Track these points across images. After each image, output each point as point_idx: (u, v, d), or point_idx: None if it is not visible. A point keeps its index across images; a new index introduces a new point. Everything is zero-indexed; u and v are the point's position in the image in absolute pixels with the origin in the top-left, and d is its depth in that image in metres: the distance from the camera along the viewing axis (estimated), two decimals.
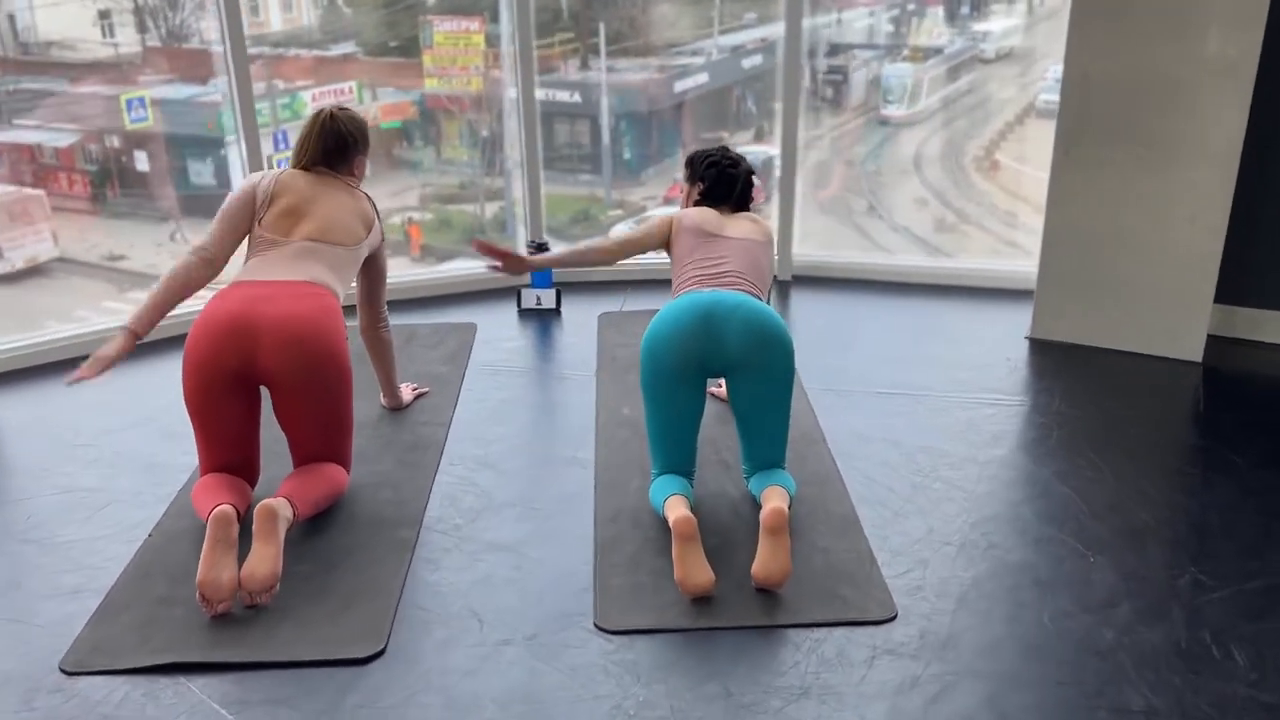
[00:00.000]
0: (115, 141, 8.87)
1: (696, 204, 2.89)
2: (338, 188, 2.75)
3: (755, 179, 2.98)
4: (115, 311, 7.73)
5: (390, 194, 9.07)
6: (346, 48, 8.85)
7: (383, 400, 3.14)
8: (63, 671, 2.08)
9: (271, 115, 8.84)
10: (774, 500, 2.32)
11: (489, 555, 2.45)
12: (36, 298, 8.01)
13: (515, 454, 2.91)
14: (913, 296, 4.07)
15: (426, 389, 3.27)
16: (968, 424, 3.03)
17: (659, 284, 4.20)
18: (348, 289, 2.72)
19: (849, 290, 4.16)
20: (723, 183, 2.89)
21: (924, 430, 3.00)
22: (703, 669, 2.06)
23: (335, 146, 2.78)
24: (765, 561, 2.26)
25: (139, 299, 2.52)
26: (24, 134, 8.54)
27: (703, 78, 7.51)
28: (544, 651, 2.12)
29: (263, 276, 2.54)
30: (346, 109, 2.87)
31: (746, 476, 2.59)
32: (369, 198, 2.83)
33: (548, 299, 3.95)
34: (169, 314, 2.54)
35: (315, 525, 2.53)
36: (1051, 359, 3.47)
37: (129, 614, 2.24)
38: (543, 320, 3.89)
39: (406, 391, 3.20)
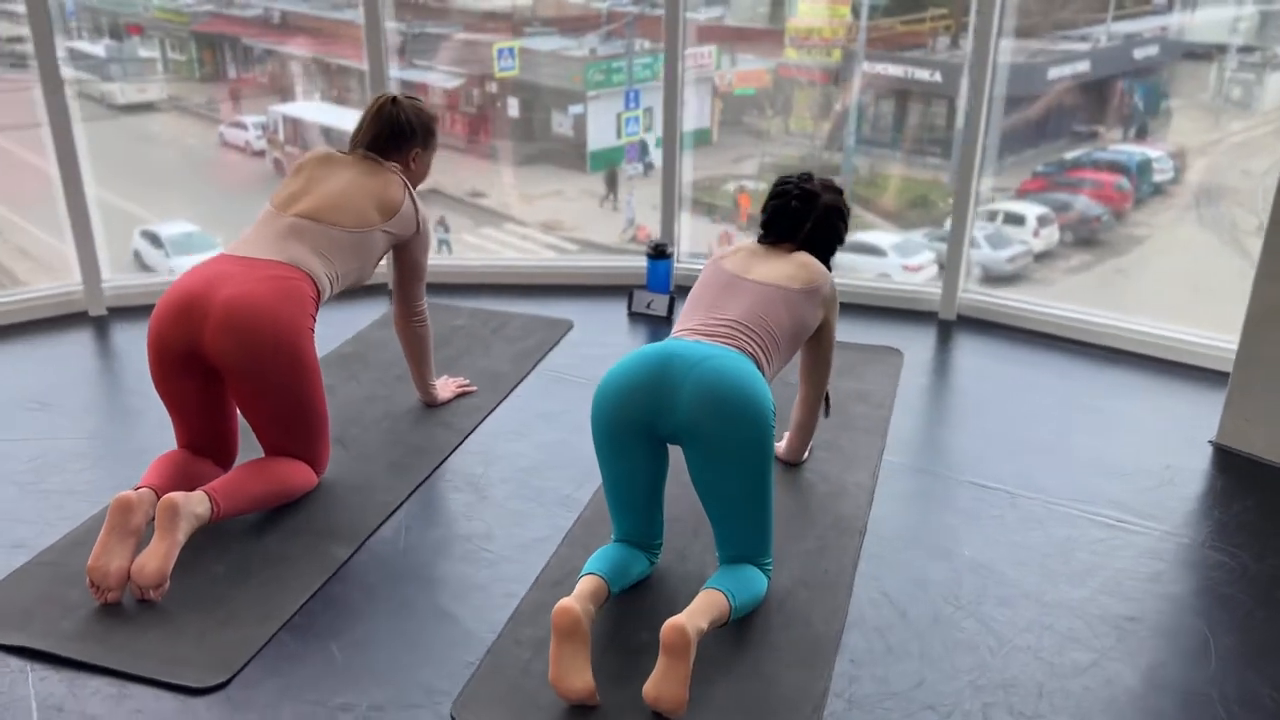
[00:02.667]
0: (493, 88, 9.48)
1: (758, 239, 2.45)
2: (365, 170, 2.57)
3: (842, 216, 2.47)
4: (471, 245, 8.23)
5: (730, 160, 9.05)
6: (715, 11, 8.91)
7: (418, 394, 2.95)
8: None
9: (628, 74, 9.06)
10: (689, 613, 1.88)
11: (403, 595, 2.19)
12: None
13: (510, 480, 2.62)
14: (1092, 360, 3.32)
15: (474, 388, 3.05)
16: (1061, 546, 2.37)
17: None
18: (348, 274, 2.53)
19: (1016, 341, 3.47)
20: (782, 217, 2.42)
21: (994, 544, 2.38)
22: None
23: (390, 134, 2.64)
24: (656, 683, 1.83)
25: (491, 235, 2.49)
26: (420, 74, 9.31)
27: (1082, 65, 6.92)
28: None
29: (239, 252, 2.41)
30: (414, 99, 2.71)
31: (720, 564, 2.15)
32: (409, 189, 2.63)
33: (660, 304, 3.59)
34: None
35: (261, 523, 2.39)
36: (1237, 479, 2.67)
37: (33, 584, 2.19)
38: (651, 327, 3.55)
39: (448, 388, 2.99)
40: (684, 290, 3.82)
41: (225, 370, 2.30)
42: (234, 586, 2.19)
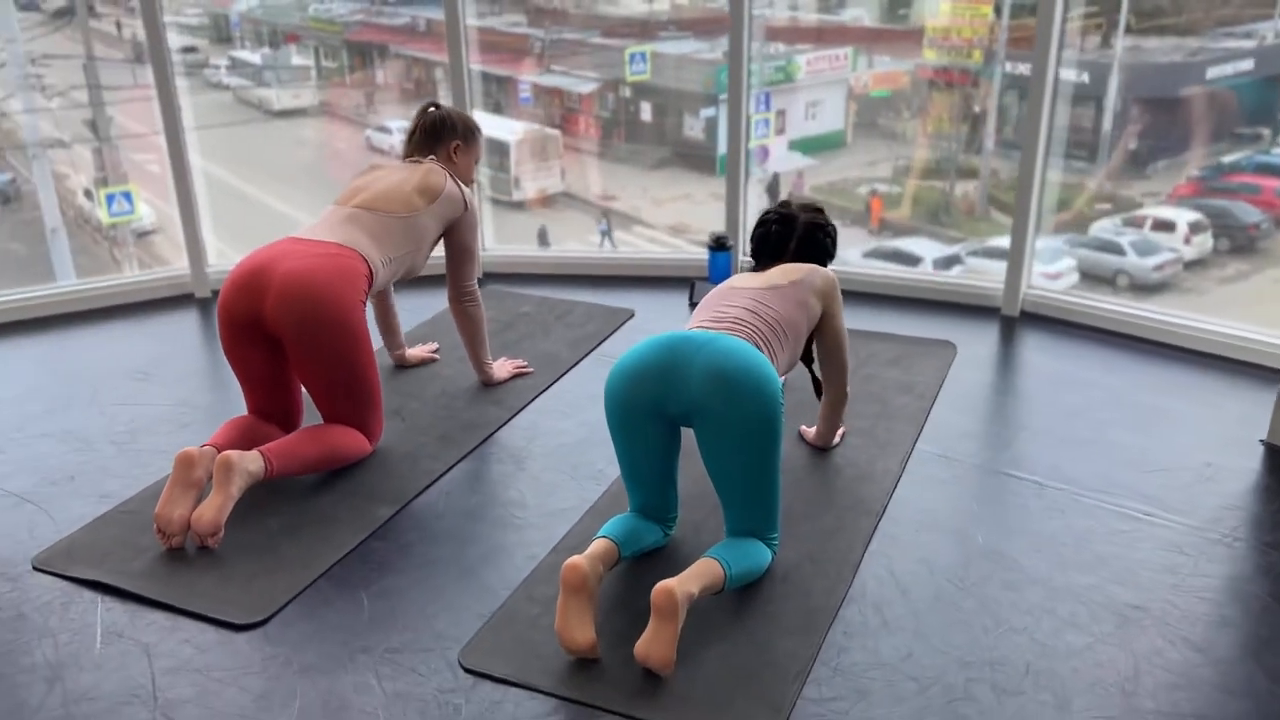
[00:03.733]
0: (626, 92, 9.76)
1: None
2: (410, 168, 2.84)
3: (824, 230, 2.59)
4: (595, 245, 8.44)
5: (864, 164, 9.08)
6: (855, 12, 8.94)
7: (476, 375, 3.13)
8: (32, 566, 2.33)
9: (760, 76, 9.20)
10: (680, 578, 1.98)
11: (434, 553, 2.36)
12: (538, 225, 9.08)
13: (550, 455, 2.77)
14: (1153, 357, 3.27)
15: (531, 370, 3.21)
16: (1080, 536, 2.38)
17: (850, 296, 3.76)
18: (401, 257, 2.73)
19: (1079, 338, 3.43)
20: (766, 243, 2.58)
21: (1011, 532, 2.40)
22: None
23: (429, 131, 2.93)
24: (645, 642, 1.94)
25: (620, 238, 2.75)
26: (556, 79, 9.67)
27: (1245, 64, 6.65)
28: (386, 670, 2.00)
29: (302, 235, 2.64)
30: (453, 109, 3.00)
31: None
32: (452, 176, 2.84)
33: None
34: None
35: (315, 485, 2.60)
36: None
37: (114, 529, 2.45)
38: None
39: (505, 368, 3.17)
40: None
41: (283, 339, 2.52)
42: (284, 539, 2.40)
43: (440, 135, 2.91)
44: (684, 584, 1.96)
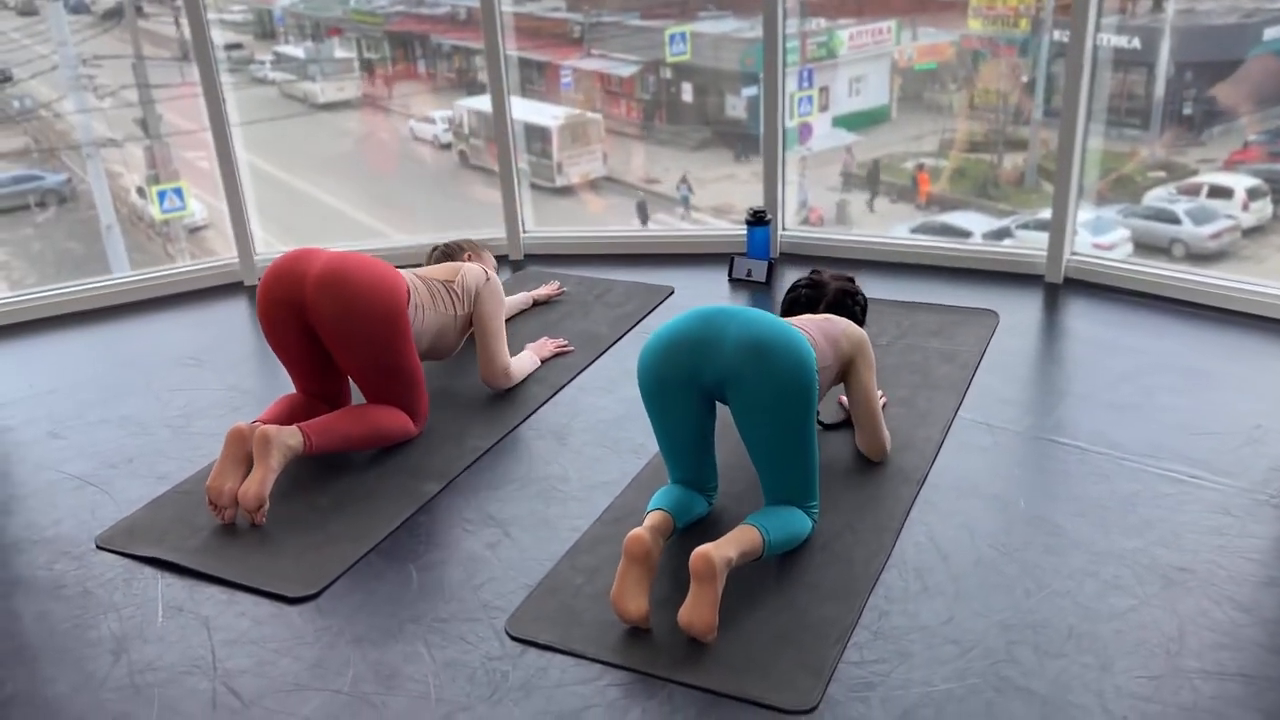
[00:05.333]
0: (667, 73, 9.76)
1: None
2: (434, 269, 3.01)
3: (854, 297, 2.65)
4: (637, 229, 8.46)
5: (910, 138, 9.00)
6: None
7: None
8: (96, 545, 2.42)
9: (801, 54, 9.14)
10: (718, 543, 2.01)
11: (479, 525, 2.40)
12: (580, 210, 9.14)
13: (591, 430, 2.80)
14: (1201, 322, 3.22)
15: (571, 348, 3.25)
16: (1125, 500, 2.36)
17: (893, 268, 3.75)
18: (427, 329, 2.82)
19: (1125, 304, 3.39)
20: (796, 305, 2.65)
21: (1054, 497, 2.39)
22: (537, 702, 1.87)
23: (442, 256, 3.23)
24: (687, 609, 1.97)
25: (663, 219, 2.85)
26: (597, 63, 9.70)
27: None
28: (435, 639, 2.05)
29: None
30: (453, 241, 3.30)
31: None
32: (465, 263, 3.03)
33: (759, 271, 3.69)
34: None
35: (363, 463, 2.66)
36: None
37: (171, 509, 2.53)
38: (751, 293, 3.66)
39: (546, 347, 3.20)
40: (787, 257, 3.91)
41: (322, 324, 2.57)
42: (333, 515, 2.46)
43: (453, 256, 3.20)
44: (721, 549, 1.99)
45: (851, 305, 2.63)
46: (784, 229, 3.94)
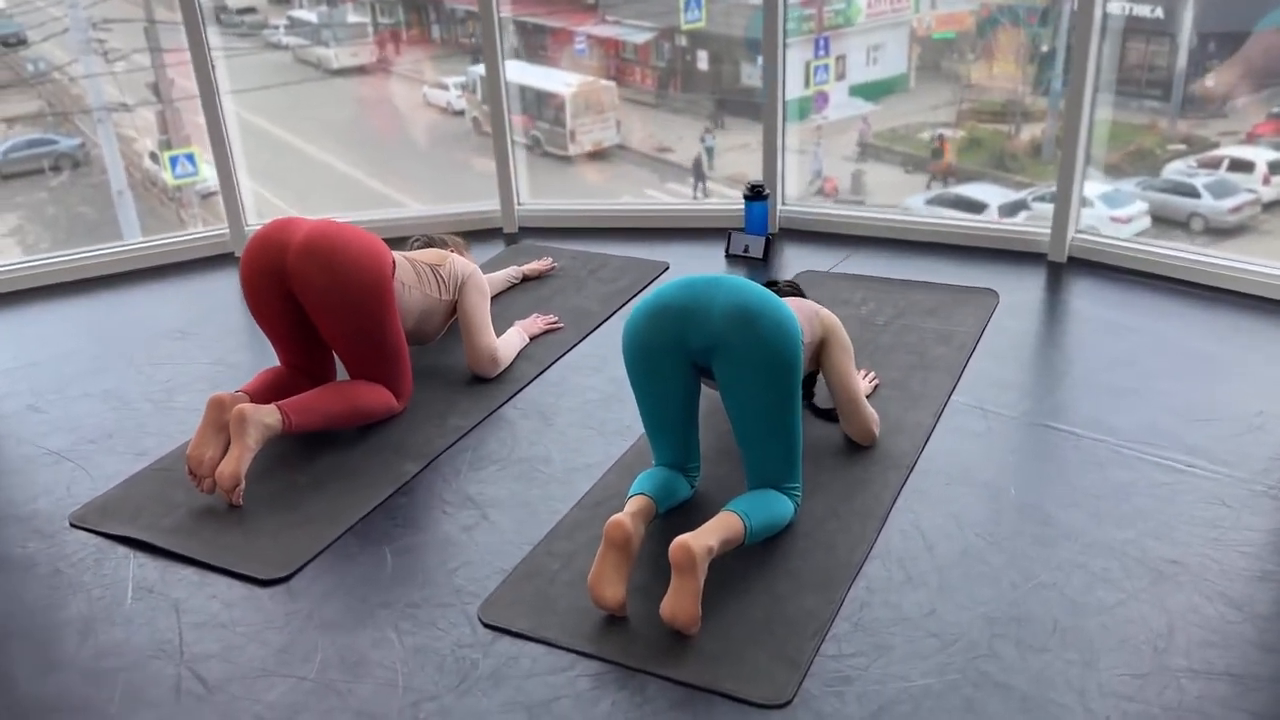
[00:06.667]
0: (682, 40, 9.64)
1: None
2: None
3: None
4: (654, 199, 8.42)
5: (928, 107, 8.88)
6: None
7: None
8: (69, 523, 2.39)
9: (817, 21, 8.98)
10: (697, 532, 1.96)
11: (457, 507, 2.36)
12: (592, 178, 9.08)
13: (577, 410, 2.75)
14: (1208, 304, 3.14)
15: (561, 325, 3.19)
16: (1118, 489, 2.30)
17: (887, 244, 3.67)
18: (413, 304, 2.79)
19: (1129, 285, 3.31)
20: None
21: (1046, 485, 2.33)
22: (506, 692, 1.84)
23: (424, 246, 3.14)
24: (669, 601, 1.93)
25: (677, 190, 2.81)
26: (611, 29, 9.57)
27: None
28: (406, 625, 2.01)
29: None
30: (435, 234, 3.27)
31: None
32: (451, 255, 2.99)
33: (756, 247, 3.62)
34: None
35: (344, 441, 2.61)
36: None
37: (148, 485, 2.50)
38: (749, 269, 3.59)
39: (536, 324, 3.15)
40: (786, 232, 3.84)
41: (304, 293, 2.52)
42: (311, 494, 2.42)
43: (435, 246, 3.12)
44: (701, 538, 1.94)
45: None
46: (783, 204, 3.86)
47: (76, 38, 8.75)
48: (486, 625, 2.00)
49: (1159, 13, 7.02)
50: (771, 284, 2.64)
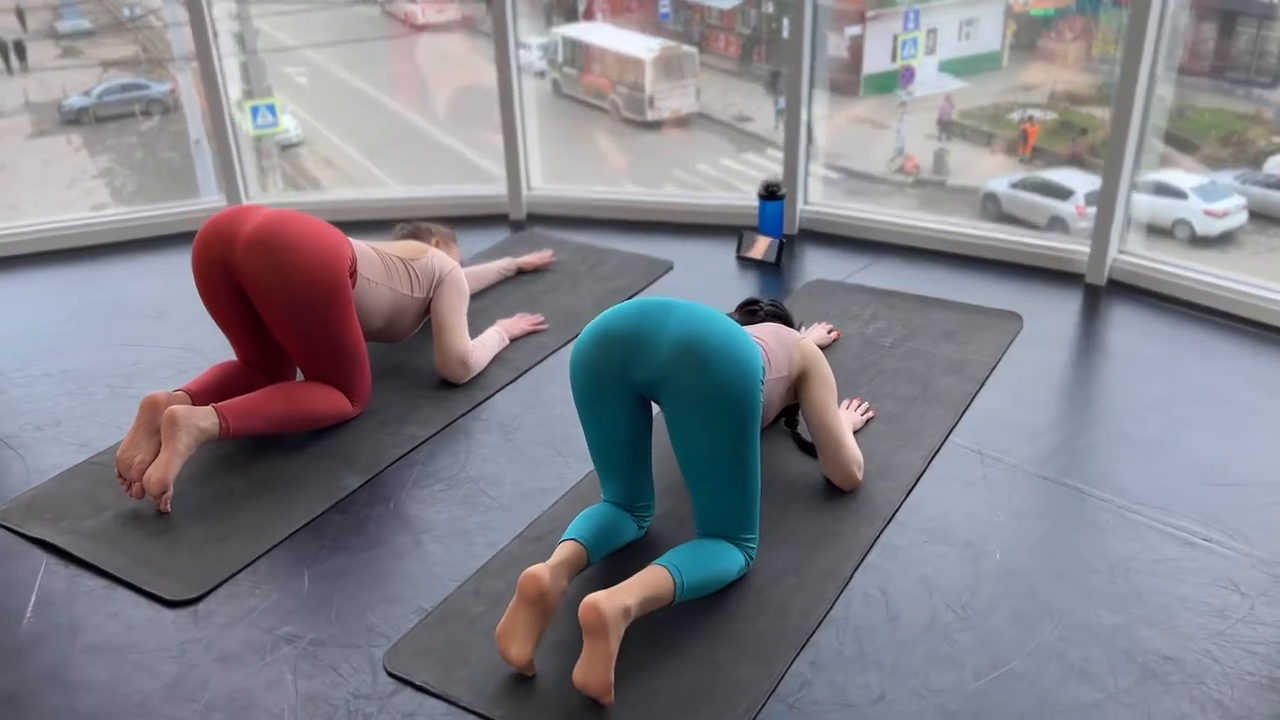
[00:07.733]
0: (770, 7, 9.42)
1: None
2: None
3: (780, 319, 2.46)
4: (729, 169, 8.25)
5: (1019, 88, 8.52)
6: None
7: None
8: None
9: None
10: (610, 591, 1.76)
11: (387, 532, 2.20)
12: (670, 147, 8.92)
13: (542, 426, 2.56)
14: (1261, 344, 2.83)
15: (545, 326, 3.00)
16: (1116, 561, 2.04)
17: (913, 253, 3.40)
18: (381, 292, 2.62)
19: (1175, 316, 3.00)
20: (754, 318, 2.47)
21: (1036, 550, 2.08)
22: None
23: (409, 236, 3.02)
24: (580, 666, 1.74)
25: (752, 161, 2.68)
26: None
27: None
28: (305, 666, 1.86)
29: None
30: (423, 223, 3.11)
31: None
32: (431, 248, 2.83)
33: (769, 250, 3.38)
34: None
35: (291, 446, 2.47)
36: None
37: (80, 481, 2.38)
38: (760, 273, 3.35)
39: (519, 324, 2.96)
40: (806, 234, 3.59)
41: (252, 287, 2.36)
42: (243, 503, 2.28)
43: (420, 238, 2.99)
44: (616, 598, 1.74)
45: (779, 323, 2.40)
46: (805, 203, 3.61)
47: None
48: (390, 674, 1.83)
49: None
50: (752, 305, 2.42)
